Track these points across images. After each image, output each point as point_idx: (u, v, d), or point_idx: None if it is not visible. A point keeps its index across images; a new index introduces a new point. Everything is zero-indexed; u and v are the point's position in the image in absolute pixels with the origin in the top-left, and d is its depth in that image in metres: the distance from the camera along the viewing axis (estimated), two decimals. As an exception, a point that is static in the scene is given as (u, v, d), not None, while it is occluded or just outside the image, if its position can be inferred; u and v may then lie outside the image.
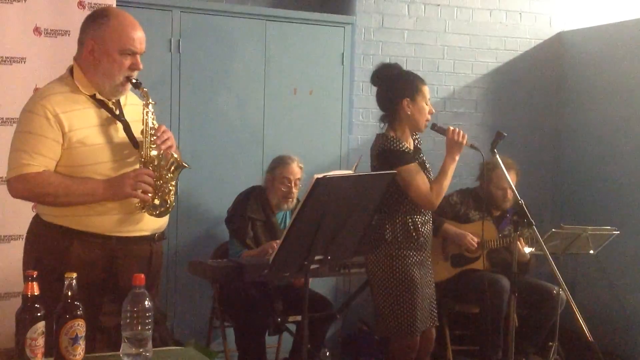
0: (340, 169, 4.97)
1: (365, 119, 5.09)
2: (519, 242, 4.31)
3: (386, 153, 3.43)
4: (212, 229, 4.60)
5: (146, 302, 2.15)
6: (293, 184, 4.17)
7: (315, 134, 4.92)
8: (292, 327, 4.12)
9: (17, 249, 3.56)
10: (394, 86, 3.51)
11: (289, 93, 4.84)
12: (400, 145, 3.44)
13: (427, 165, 3.56)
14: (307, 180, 4.37)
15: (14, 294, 3.68)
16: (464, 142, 3.42)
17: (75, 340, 2.07)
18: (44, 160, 2.52)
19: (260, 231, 4.15)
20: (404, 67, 5.07)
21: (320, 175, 2.37)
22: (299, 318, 3.94)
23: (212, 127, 4.65)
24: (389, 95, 3.52)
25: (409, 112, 3.47)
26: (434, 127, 3.53)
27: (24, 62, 3.73)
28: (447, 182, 3.44)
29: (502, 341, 4.47)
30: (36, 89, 3.59)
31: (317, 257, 2.64)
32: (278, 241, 3.89)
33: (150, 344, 2.16)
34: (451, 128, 3.46)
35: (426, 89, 3.52)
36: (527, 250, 4.37)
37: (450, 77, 5.30)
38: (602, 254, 4.44)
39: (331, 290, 4.84)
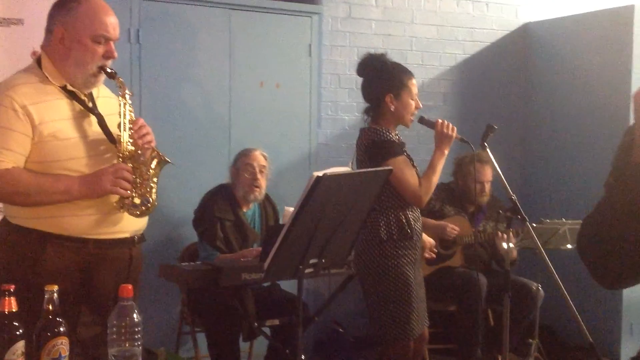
0: (310, 165, 4.82)
1: (334, 112, 4.93)
2: (502, 238, 4.24)
3: (376, 144, 3.27)
4: (178, 230, 4.37)
5: (134, 316, 1.97)
6: (258, 171, 4.00)
7: (283, 129, 4.73)
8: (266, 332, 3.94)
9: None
10: (378, 80, 3.35)
11: (255, 86, 4.64)
12: (389, 136, 3.29)
13: (413, 162, 3.41)
14: (276, 175, 4.27)
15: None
16: (454, 135, 3.28)
17: (58, 360, 1.87)
18: (12, 155, 2.33)
19: (230, 232, 3.96)
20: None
21: (320, 173, 2.18)
22: (276, 322, 3.78)
23: (175, 122, 4.41)
24: (373, 89, 3.37)
25: (392, 109, 3.31)
26: (421, 120, 3.38)
27: (-25, 53, 3.46)
28: (436, 178, 3.29)
29: (480, 338, 4.40)
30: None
31: (311, 261, 2.46)
32: (256, 248, 3.82)
33: (139, 362, 1.98)
34: (440, 120, 3.31)
35: (412, 83, 3.36)
36: (507, 246, 4.26)
37: (419, 70, 5.15)
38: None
39: (305, 291, 4.64)
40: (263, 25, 4.64)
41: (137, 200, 2.47)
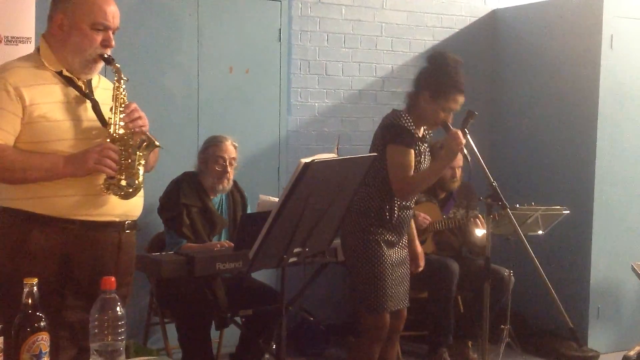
0: (279, 152, 4.76)
1: (304, 99, 4.86)
2: (475, 224, 4.24)
3: (392, 127, 3.27)
4: (145, 218, 4.22)
5: (117, 309, 1.89)
6: (228, 163, 3.92)
7: (252, 115, 4.66)
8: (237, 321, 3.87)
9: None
10: (428, 74, 3.35)
11: (224, 72, 4.54)
12: (409, 125, 3.27)
13: (427, 158, 3.39)
14: (245, 162, 4.19)
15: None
16: (458, 149, 3.23)
17: (38, 357, 1.80)
18: (1, 133, 2.33)
19: (197, 218, 3.87)
20: (342, 45, 4.97)
21: (307, 160, 2.13)
22: (250, 312, 3.72)
23: (142, 108, 4.23)
24: (420, 79, 3.38)
25: (422, 104, 3.31)
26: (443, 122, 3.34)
27: None
28: (426, 180, 3.30)
29: (452, 325, 4.41)
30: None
31: (295, 250, 2.41)
32: (224, 242, 3.74)
33: (123, 356, 1.90)
34: (455, 130, 3.25)
35: (454, 98, 3.28)
36: (480, 232, 4.27)
37: (388, 56, 5.14)
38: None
39: (275, 280, 4.59)
40: (232, 9, 4.55)
41: (123, 182, 2.45)
